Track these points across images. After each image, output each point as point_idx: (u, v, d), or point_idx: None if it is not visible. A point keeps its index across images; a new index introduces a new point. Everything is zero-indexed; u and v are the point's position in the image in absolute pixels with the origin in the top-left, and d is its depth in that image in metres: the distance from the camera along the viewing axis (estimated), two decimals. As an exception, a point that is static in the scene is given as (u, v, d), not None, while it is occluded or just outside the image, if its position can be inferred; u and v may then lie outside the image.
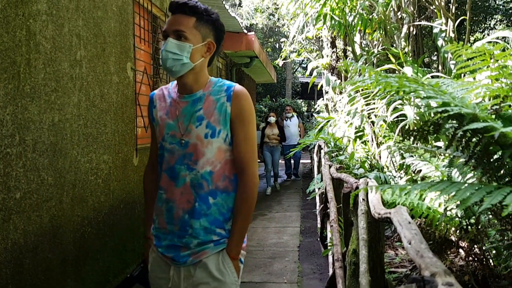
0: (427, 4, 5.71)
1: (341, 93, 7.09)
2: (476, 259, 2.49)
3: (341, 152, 5.31)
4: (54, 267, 2.93)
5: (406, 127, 3.12)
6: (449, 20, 4.79)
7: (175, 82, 1.83)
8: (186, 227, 1.71)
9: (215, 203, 1.72)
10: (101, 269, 3.55)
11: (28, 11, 2.69)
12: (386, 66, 4.20)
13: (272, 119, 9.12)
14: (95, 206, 3.47)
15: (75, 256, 3.17)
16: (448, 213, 2.52)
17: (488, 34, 11.20)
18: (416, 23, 5.54)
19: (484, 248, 2.41)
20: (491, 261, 2.42)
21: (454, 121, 1.82)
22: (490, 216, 2.45)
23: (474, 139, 1.73)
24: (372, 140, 4.76)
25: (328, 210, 3.86)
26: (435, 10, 5.14)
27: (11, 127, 2.53)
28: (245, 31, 8.62)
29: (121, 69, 4.01)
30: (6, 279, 2.48)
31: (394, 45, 5.62)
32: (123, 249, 3.99)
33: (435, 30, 5.02)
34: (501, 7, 11.54)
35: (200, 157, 1.70)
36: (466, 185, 1.40)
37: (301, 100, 26.51)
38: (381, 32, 5.36)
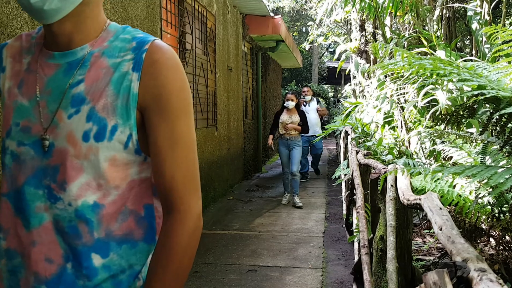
0: (461, -15, 5.52)
1: (369, 77, 6.96)
2: (507, 247, 2.42)
3: (368, 138, 5.23)
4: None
5: (437, 113, 3.04)
6: (484, 2, 4.61)
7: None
8: None
9: (105, 265, 0.90)
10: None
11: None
12: (418, 50, 4.09)
13: (291, 103, 6.62)
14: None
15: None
16: (480, 200, 2.46)
17: (525, 17, 10.73)
18: (449, 5, 5.37)
19: (516, 237, 2.34)
20: (523, 250, 2.35)
21: (489, 105, 1.76)
22: (524, 204, 2.38)
23: (510, 124, 1.67)
24: (401, 126, 4.67)
25: (354, 197, 3.83)
26: (470, -8, 4.95)
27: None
28: (271, 14, 8.55)
29: (149, 53, 4.04)
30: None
31: (426, 28, 5.47)
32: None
33: (469, 13, 4.85)
34: (540, -12, 11.03)
35: (73, 176, 0.88)
36: (502, 169, 1.36)
37: (328, 85, 26.24)
38: (412, 14, 5.21)
